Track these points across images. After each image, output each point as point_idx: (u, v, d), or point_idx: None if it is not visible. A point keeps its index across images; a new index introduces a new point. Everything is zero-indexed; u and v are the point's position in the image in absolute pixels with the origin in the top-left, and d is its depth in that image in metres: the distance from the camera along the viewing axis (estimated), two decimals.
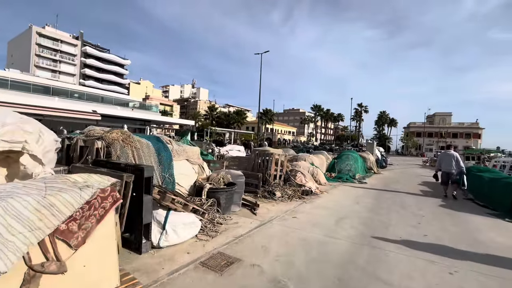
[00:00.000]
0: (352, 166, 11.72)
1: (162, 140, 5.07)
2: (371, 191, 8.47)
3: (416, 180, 12.31)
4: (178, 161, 5.09)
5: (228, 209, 4.92)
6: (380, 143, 64.06)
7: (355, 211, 5.69)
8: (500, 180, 6.88)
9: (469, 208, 6.64)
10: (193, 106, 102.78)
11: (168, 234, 3.27)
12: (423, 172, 17.33)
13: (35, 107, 17.47)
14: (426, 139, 64.95)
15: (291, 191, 6.85)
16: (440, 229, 4.71)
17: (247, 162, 8.19)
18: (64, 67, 65.14)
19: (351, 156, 12.59)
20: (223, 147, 9.48)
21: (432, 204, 6.88)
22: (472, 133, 64.40)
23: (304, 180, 7.47)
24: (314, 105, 78.35)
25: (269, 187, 6.79)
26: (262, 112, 56.10)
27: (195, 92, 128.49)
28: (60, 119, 19.13)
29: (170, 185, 4.63)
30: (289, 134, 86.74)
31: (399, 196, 7.90)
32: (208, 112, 58.91)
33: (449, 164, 7.96)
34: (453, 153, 8.13)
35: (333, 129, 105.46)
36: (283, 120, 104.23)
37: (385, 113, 75.17)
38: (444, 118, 68.21)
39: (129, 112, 26.71)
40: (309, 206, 6.01)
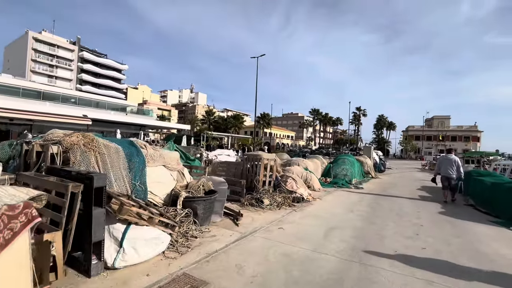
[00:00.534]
0: (348, 171, 11.30)
1: (136, 145, 4.64)
2: (367, 197, 8.04)
3: (414, 185, 11.89)
4: (153, 167, 4.66)
5: (207, 220, 4.48)
6: (379, 146, 63.81)
7: (348, 221, 5.25)
8: (502, 185, 6.46)
9: (470, 215, 6.22)
10: (191, 111, 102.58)
11: (126, 252, 2.83)
12: (422, 176, 16.91)
13: (24, 112, 17.05)
14: (425, 142, 64.66)
15: (280, 198, 6.41)
16: (439, 240, 4.28)
17: (235, 168, 7.77)
18: (60, 72, 64.95)
19: (347, 160, 12.18)
20: (211, 152, 9.07)
21: (431, 211, 6.45)
22: (471, 136, 64.20)
23: (295, 186, 7.03)
24: (312, 109, 78.18)
25: (257, 194, 6.36)
26: (259, 116, 55.83)
27: (194, 97, 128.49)
28: (50, 124, 18.71)
29: (142, 194, 4.19)
30: (288, 138, 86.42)
31: (396, 202, 7.47)
32: (206, 116, 58.57)
33: (449, 168, 7.67)
34: (454, 158, 7.80)
35: (332, 133, 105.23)
36: (282, 124, 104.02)
37: (384, 117, 75.04)
38: (443, 121, 68.07)
39: (123, 117, 26.31)
40: (299, 215, 5.57)
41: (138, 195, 4.12)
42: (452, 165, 7.64)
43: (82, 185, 2.64)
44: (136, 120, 27.22)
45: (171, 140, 8.19)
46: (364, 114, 72.25)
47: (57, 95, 24.65)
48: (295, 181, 7.16)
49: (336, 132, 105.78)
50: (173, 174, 5.06)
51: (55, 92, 25.30)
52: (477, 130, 64.65)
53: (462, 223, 5.39)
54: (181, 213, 4.03)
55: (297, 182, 7.15)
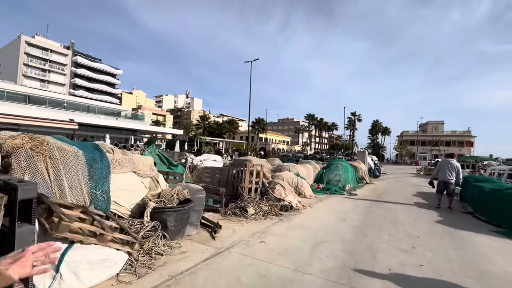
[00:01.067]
0: (342, 176, 10.87)
1: (101, 149, 4.15)
2: (361, 205, 7.60)
3: (410, 190, 11.50)
4: (121, 173, 4.17)
5: (179, 233, 3.98)
6: (374, 151, 63.77)
7: (339, 232, 4.79)
8: (502, 191, 6.09)
9: (470, 224, 5.81)
10: (187, 116, 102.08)
11: (63, 278, 2.33)
12: (417, 181, 16.58)
13: (6, 115, 16.40)
14: (420, 147, 64.86)
15: (267, 206, 5.94)
16: (439, 255, 3.83)
17: (221, 174, 7.29)
18: (53, 77, 64.17)
19: (341, 165, 11.77)
20: (197, 157, 8.58)
21: (428, 220, 6.03)
22: (464, 141, 64.61)
23: (284, 193, 6.57)
24: (307, 114, 78.23)
25: (241, 203, 5.87)
26: (254, 121, 55.52)
27: (189, 102, 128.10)
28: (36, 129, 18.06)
29: (103, 204, 3.69)
30: (284, 144, 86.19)
31: (391, 209, 7.04)
32: (200, 121, 58.06)
33: (448, 173, 7.47)
34: (454, 163, 7.60)
35: (327, 138, 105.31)
36: (278, 129, 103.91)
37: (379, 122, 75.35)
38: (437, 126, 68.51)
39: (114, 122, 25.68)
40: (285, 225, 5.10)
41: (98, 206, 3.62)
42: (452, 170, 7.45)
43: (6, 197, 2.15)
44: (127, 125, 26.61)
45: (152, 144, 7.69)
46: (359, 119, 72.47)
47: (43, 99, 23.99)
48: (283, 188, 6.70)
49: (332, 137, 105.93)
50: (145, 182, 4.57)
51: (42, 96, 24.64)
52: (471, 135, 65.14)
53: (462, 234, 4.97)
54: (146, 227, 3.54)
55: (285, 189, 6.68)
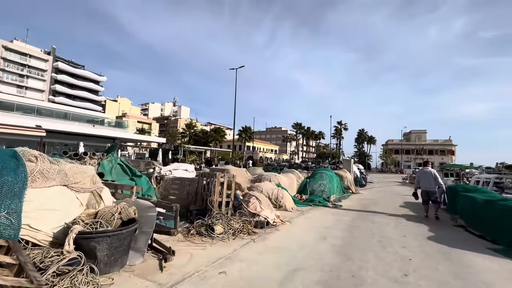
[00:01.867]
0: (326, 186, 10.25)
1: (18, 156, 3.29)
2: (346, 218, 6.93)
3: (396, 201, 11.01)
4: (45, 188, 3.31)
5: (116, 264, 3.13)
6: (360, 160, 64.33)
7: (318, 255, 4.06)
8: (496, 203, 5.59)
9: (464, 240, 5.23)
10: (174, 125, 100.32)
11: None
12: (403, 190, 16.24)
13: None
14: (404, 156, 66.04)
15: (239, 223, 5.15)
16: (435, 285, 3.17)
17: (190, 185, 6.45)
18: (32, 83, 61.61)
19: (326, 174, 11.16)
20: (166, 166, 7.69)
21: (419, 235, 5.42)
22: (446, 150, 66.43)
23: (259, 207, 5.81)
24: (295, 123, 78.55)
25: (209, 219, 5.06)
26: (241, 129, 54.82)
27: (176, 111, 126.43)
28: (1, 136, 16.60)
29: (11, 230, 2.81)
30: (272, 152, 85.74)
31: (378, 224, 6.41)
32: (186, 130, 56.73)
33: (428, 182, 7.49)
34: (430, 170, 7.64)
35: (314, 147, 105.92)
36: (266, 138, 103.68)
37: (364, 131, 76.48)
38: (420, 135, 70.25)
39: (90, 129, 24.28)
40: (257, 247, 4.32)
41: (1, 232, 2.75)
42: (430, 178, 7.45)
43: None
44: (105, 133, 25.23)
45: (112, 152, 6.80)
46: (345, 128, 73.33)
47: (10, 104, 22.35)
48: (259, 201, 5.95)
49: (319, 146, 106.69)
50: (81, 198, 3.70)
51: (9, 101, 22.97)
52: (452, 144, 67.11)
53: (457, 254, 4.35)
54: (62, 259, 2.68)
55: (261, 203, 5.93)
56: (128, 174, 6.85)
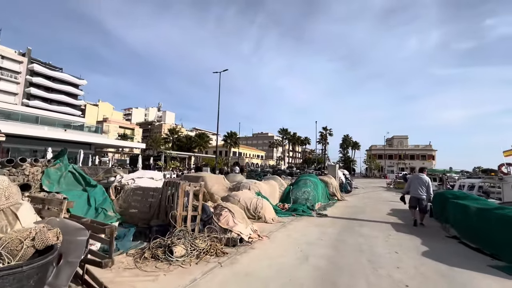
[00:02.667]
0: (311, 194, 9.59)
1: None
2: (331, 230, 6.25)
3: (384, 208, 10.51)
4: None
5: None
6: (345, 165, 64.83)
7: (297, 280, 3.31)
8: (492, 212, 5.09)
9: (462, 256, 4.66)
10: (158, 130, 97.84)
11: None
12: (389, 196, 15.93)
13: None
14: (387, 161, 67.31)
15: (206, 242, 4.32)
16: None
17: (153, 196, 5.56)
18: (3, 85, 58.10)
19: (310, 181, 10.52)
20: (129, 174, 6.73)
21: (412, 251, 4.81)
22: (427, 155, 68.34)
23: (232, 221, 5.01)
24: (281, 129, 78.31)
25: (168, 239, 4.21)
26: (226, 135, 53.84)
27: (161, 116, 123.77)
28: None
29: None
30: (258, 158, 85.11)
31: (366, 237, 5.76)
32: (169, 135, 55.05)
33: (419, 189, 7.25)
34: (425, 178, 7.38)
35: (301, 153, 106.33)
36: (252, 144, 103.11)
37: (349, 137, 77.47)
38: (402, 141, 71.99)
39: (62, 134, 22.61)
40: (223, 274, 3.52)
41: None
42: (422, 185, 7.23)
43: None
44: (79, 138, 23.60)
45: (61, 158, 5.81)
46: (330, 133, 73.97)
47: None
48: (232, 214, 5.14)
49: (305, 151, 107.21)
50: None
51: None
52: (432, 149, 69.17)
53: (458, 276, 3.73)
54: None
55: (235, 216, 5.13)
56: (81, 183, 5.88)
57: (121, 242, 4.44)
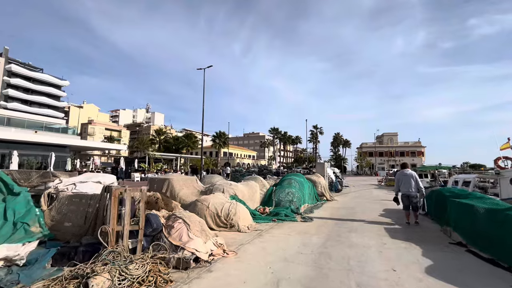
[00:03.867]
0: (295, 195, 8.58)
1: None
2: (315, 240, 5.24)
3: (376, 208, 9.62)
4: None
5: None
6: (336, 164, 64.44)
7: None
8: (505, 213, 4.18)
9: (473, 271, 3.71)
10: (146, 132, 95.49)
11: None
12: (380, 194, 15.14)
13: None
14: (378, 158, 67.34)
15: (145, 266, 3.21)
16: None
17: (89, 205, 4.41)
18: None
19: (295, 181, 9.52)
20: (71, 178, 5.52)
21: (412, 266, 3.83)
22: (416, 151, 68.71)
23: (186, 236, 3.92)
24: (272, 128, 77.41)
25: (91, 263, 3.09)
26: (215, 135, 52.52)
27: (150, 117, 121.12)
28: None
29: None
30: (249, 158, 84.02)
31: (357, 248, 4.77)
32: (155, 136, 53.28)
33: (409, 185, 6.90)
34: (411, 173, 7.06)
35: (292, 152, 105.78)
36: (243, 144, 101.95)
37: (340, 135, 77.29)
38: (391, 138, 72.23)
39: (30, 136, 20.94)
40: None
41: None
42: (410, 181, 6.90)
43: None
44: (51, 140, 21.95)
45: None
46: (321, 132, 73.60)
47: None
48: (187, 226, 4.05)
49: (297, 150, 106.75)
50: None
51: None
52: (421, 146, 69.62)
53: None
54: None
55: (190, 228, 4.03)
56: (2, 191, 4.67)
57: (28, 270, 3.28)
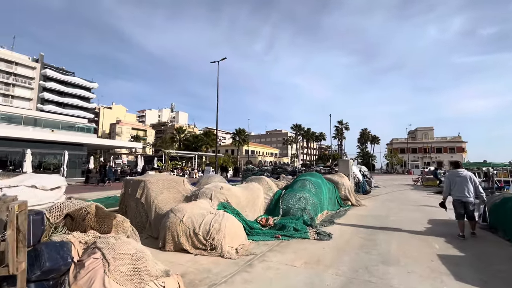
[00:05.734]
0: (309, 202, 6.69)
1: None
2: (330, 278, 3.39)
3: (416, 218, 7.41)
4: None
5: None
6: (364, 161, 60.23)
7: None
8: None
9: None
10: (170, 131, 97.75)
11: None
12: (419, 197, 12.61)
13: None
14: (411, 155, 61.92)
15: None
16: None
17: None
18: (18, 91, 59.33)
19: (310, 182, 7.61)
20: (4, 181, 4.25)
21: None
22: (456, 147, 62.11)
23: (101, 283, 2.30)
24: (294, 125, 74.74)
25: None
26: (235, 132, 51.35)
27: (174, 116, 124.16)
28: None
29: None
30: (272, 156, 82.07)
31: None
32: (175, 134, 53.42)
33: (465, 189, 5.56)
34: (467, 174, 5.71)
35: (316, 149, 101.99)
36: (266, 141, 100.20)
37: (367, 131, 72.56)
38: (426, 133, 66.11)
39: (46, 134, 21.03)
40: None
41: None
42: (467, 184, 5.59)
43: None
44: (67, 138, 21.95)
45: None
46: (346, 127, 69.51)
47: None
48: (105, 264, 2.42)
49: (321, 148, 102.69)
50: None
51: None
52: (462, 141, 62.82)
53: None
54: None
55: (109, 270, 2.40)
56: None
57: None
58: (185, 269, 3.62)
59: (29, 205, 4.10)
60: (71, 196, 10.78)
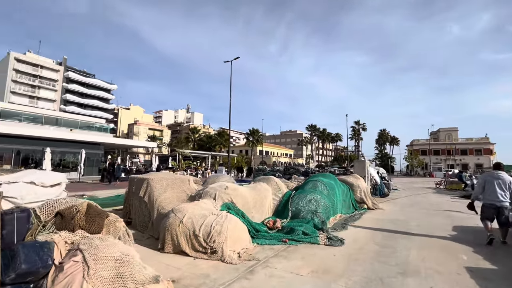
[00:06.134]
0: (320, 204, 6.28)
1: None
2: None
3: (439, 223, 6.79)
4: None
5: None
6: (382, 163, 58.13)
7: None
8: None
9: None
10: (186, 131, 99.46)
11: None
12: (442, 201, 11.76)
13: None
14: (433, 157, 59.06)
15: None
16: None
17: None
18: (43, 93, 62.40)
19: (322, 183, 7.19)
20: None
21: None
22: (482, 149, 58.56)
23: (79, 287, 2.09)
24: (309, 125, 73.65)
25: None
26: (248, 132, 51.20)
27: (189, 117, 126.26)
28: None
29: None
30: (286, 157, 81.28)
31: None
32: (190, 135, 54.05)
33: (499, 193, 5.07)
34: (508, 178, 5.14)
35: (332, 150, 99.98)
36: (280, 142, 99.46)
37: (386, 131, 70.16)
38: (450, 133, 62.84)
39: (65, 133, 21.78)
40: None
41: None
42: (504, 188, 5.11)
43: None
44: (84, 138, 22.63)
45: None
46: (363, 128, 67.56)
47: None
48: (85, 268, 2.19)
49: (337, 149, 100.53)
50: None
51: None
52: (489, 142, 59.10)
53: None
54: None
55: (89, 274, 2.18)
56: None
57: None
58: (181, 274, 3.37)
59: (27, 202, 4.02)
60: (83, 194, 10.97)
